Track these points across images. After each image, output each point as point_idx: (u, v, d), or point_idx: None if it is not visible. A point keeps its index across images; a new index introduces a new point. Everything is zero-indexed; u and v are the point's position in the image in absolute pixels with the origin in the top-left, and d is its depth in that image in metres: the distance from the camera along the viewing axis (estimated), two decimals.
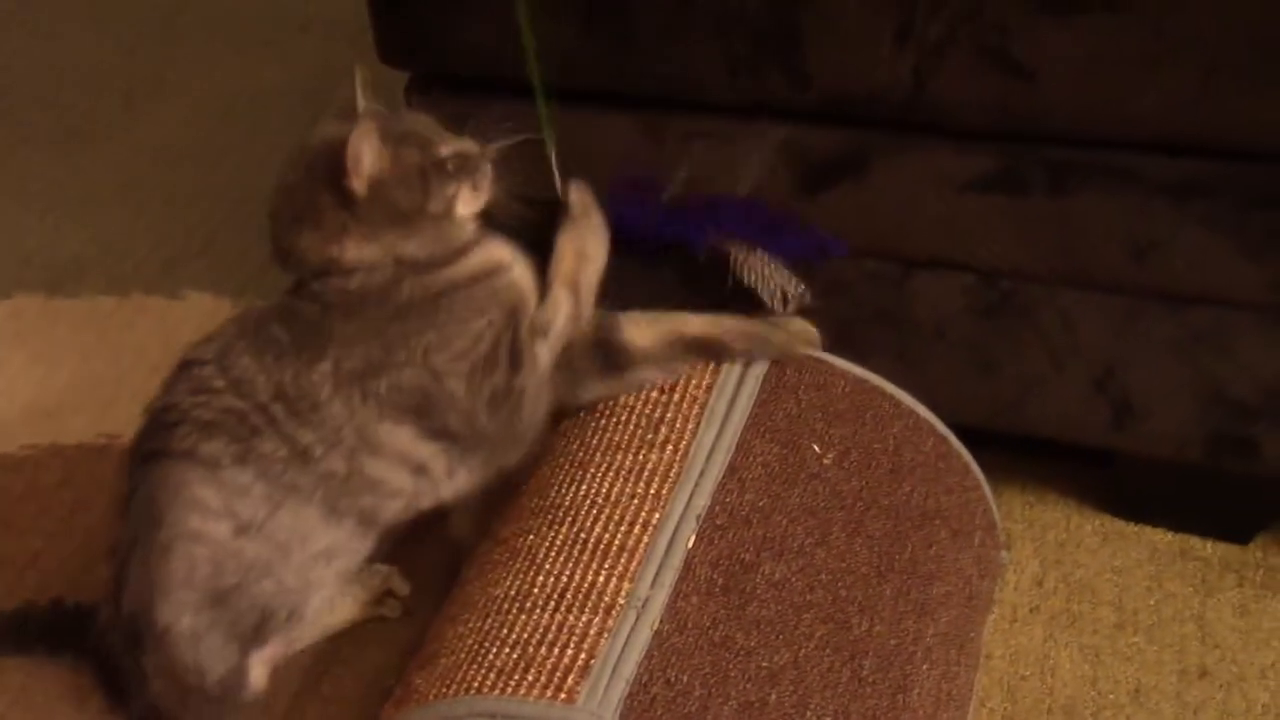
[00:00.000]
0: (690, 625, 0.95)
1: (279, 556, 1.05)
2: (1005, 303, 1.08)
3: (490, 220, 1.09)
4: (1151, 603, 1.18)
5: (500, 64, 1.07)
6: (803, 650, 0.96)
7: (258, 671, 1.09)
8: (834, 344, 1.14)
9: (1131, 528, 1.24)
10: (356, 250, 1.04)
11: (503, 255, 1.09)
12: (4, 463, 1.41)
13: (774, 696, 0.93)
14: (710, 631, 0.95)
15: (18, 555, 1.31)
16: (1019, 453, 1.27)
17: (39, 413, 1.47)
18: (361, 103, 1.08)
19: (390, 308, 1.03)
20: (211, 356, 1.05)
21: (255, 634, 1.07)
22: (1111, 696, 1.11)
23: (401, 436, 1.05)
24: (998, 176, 1.01)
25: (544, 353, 1.07)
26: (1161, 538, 1.23)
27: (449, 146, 1.06)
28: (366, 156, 1.01)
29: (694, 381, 1.12)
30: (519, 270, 1.09)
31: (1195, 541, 1.22)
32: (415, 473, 1.07)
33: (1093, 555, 1.22)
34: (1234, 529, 1.21)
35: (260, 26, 2.13)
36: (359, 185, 1.01)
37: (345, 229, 1.03)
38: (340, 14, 1.25)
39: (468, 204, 1.07)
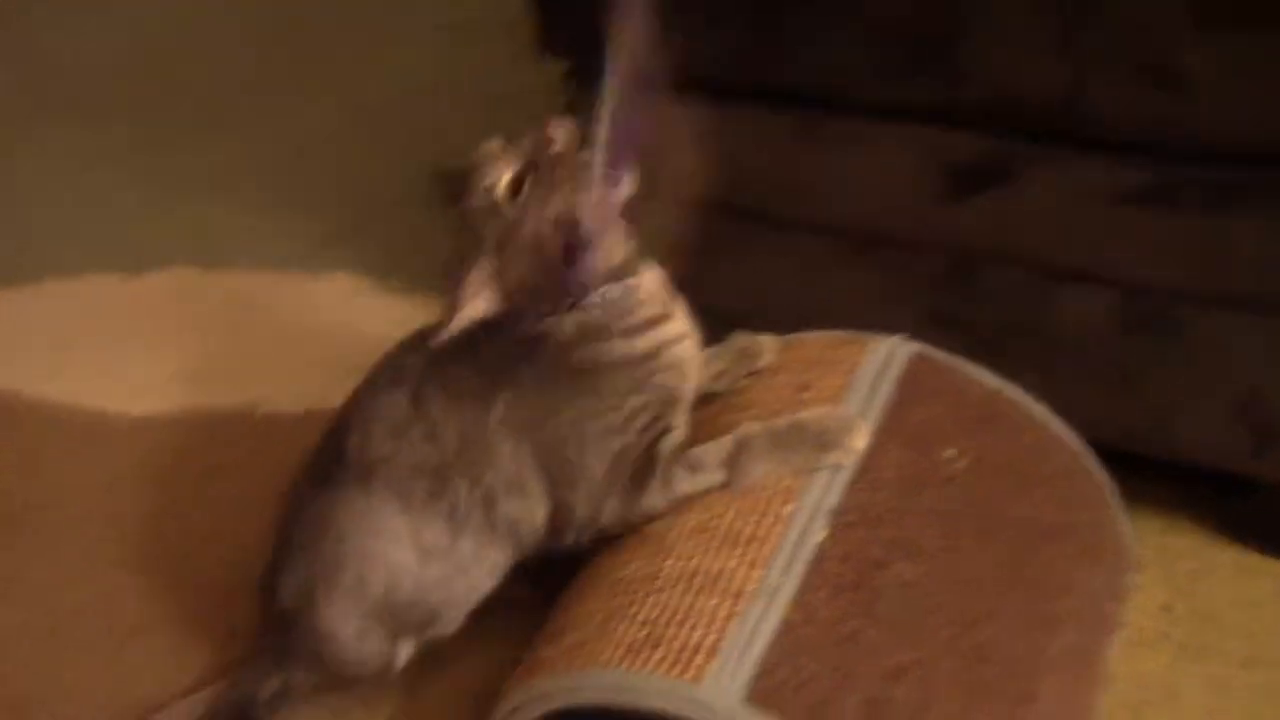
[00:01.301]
0: (819, 617, 0.96)
1: (458, 575, 1.09)
2: (1151, 320, 1.07)
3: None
4: None
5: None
6: (929, 651, 0.96)
7: (406, 653, 1.14)
8: (973, 352, 1.14)
9: (1267, 562, 1.22)
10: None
11: (674, 330, 1.09)
12: (151, 422, 1.48)
13: (898, 694, 0.93)
14: (838, 625, 0.96)
15: (162, 510, 1.37)
16: (1155, 476, 1.25)
17: (187, 378, 1.54)
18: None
19: (562, 366, 1.05)
20: (407, 401, 1.07)
21: (416, 631, 1.12)
22: None
23: (543, 488, 1.08)
24: (1151, 191, 1.00)
25: (684, 484, 1.06)
26: None
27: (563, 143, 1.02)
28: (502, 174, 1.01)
29: (827, 381, 1.13)
30: (687, 346, 1.10)
31: None
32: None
33: (1224, 586, 1.20)
34: None
35: (402, 24, 2.19)
36: (504, 199, 1.01)
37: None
38: (473, 14, 1.30)
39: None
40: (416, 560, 1.07)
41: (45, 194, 1.86)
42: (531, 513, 1.08)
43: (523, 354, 1.05)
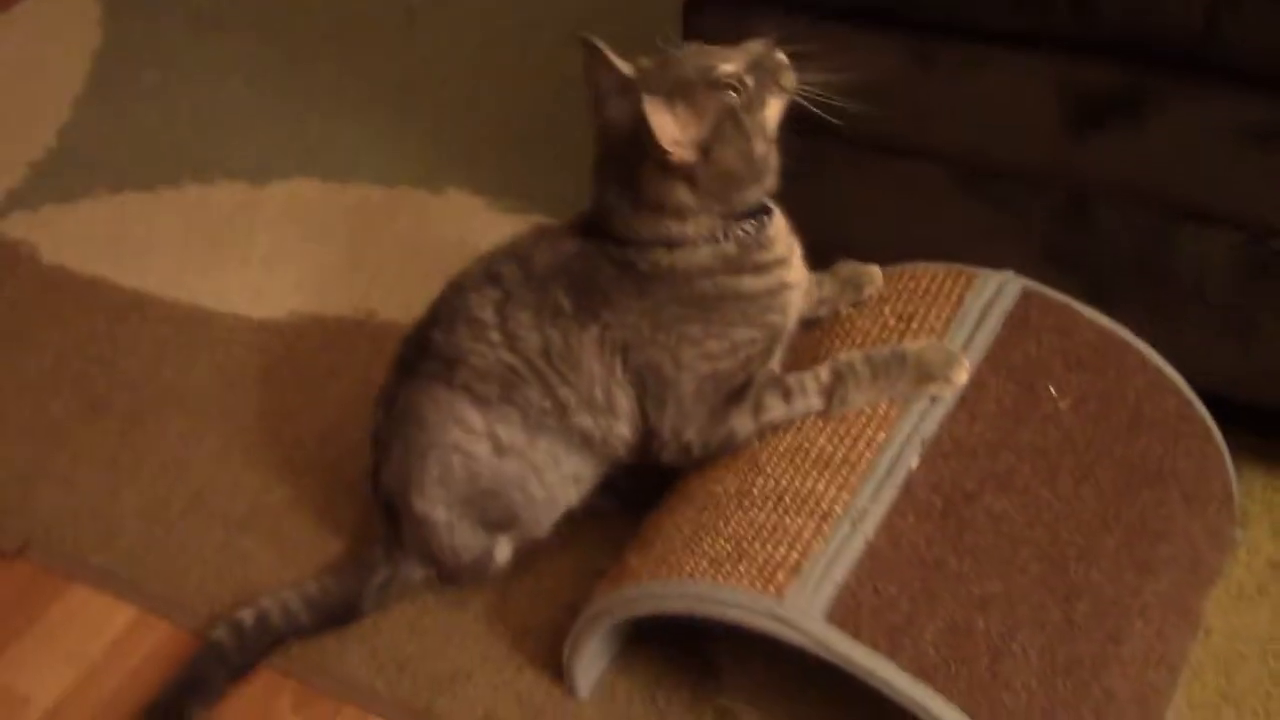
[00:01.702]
0: (904, 542, 0.96)
1: (532, 474, 1.12)
2: (1274, 263, 1.04)
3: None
4: None
5: None
6: (1016, 583, 0.95)
7: (504, 552, 1.17)
8: (1084, 292, 1.12)
9: None
10: (695, 226, 1.05)
11: (792, 276, 1.09)
12: (271, 326, 1.53)
13: (981, 623, 0.93)
14: (924, 551, 0.96)
15: (277, 409, 1.42)
16: (1269, 431, 1.21)
17: (306, 285, 1.58)
18: (624, 66, 1.05)
19: (683, 292, 1.05)
20: (492, 305, 1.09)
21: (501, 528, 1.15)
22: None
23: (633, 406, 1.10)
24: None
25: (775, 410, 1.07)
26: None
27: (733, 63, 1.02)
28: (673, 124, 0.99)
29: (933, 313, 1.12)
30: (799, 293, 1.10)
31: None
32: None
33: None
34: None
35: None
36: (687, 154, 1.00)
37: (689, 208, 1.03)
38: None
39: (777, 114, 1.04)
40: (492, 452, 1.10)
41: (181, 103, 1.92)
42: (611, 429, 1.10)
43: (633, 284, 1.06)
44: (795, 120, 1.04)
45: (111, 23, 2.12)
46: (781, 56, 1.02)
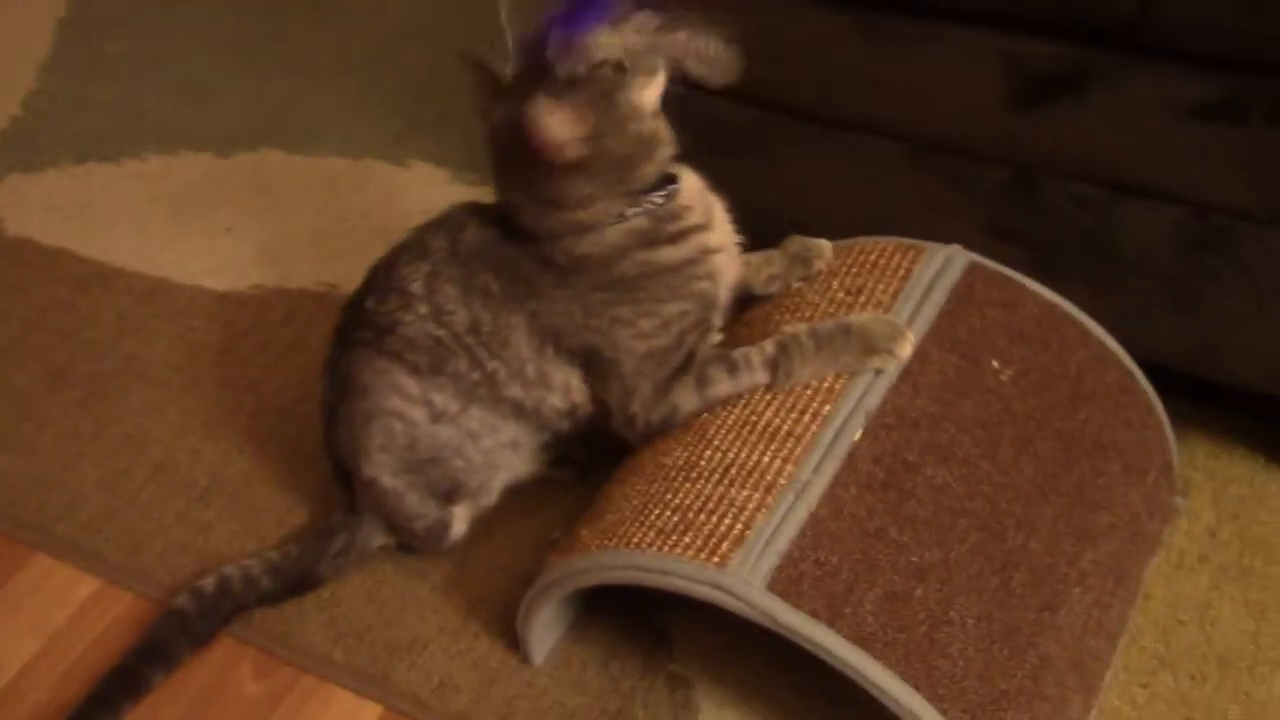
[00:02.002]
0: (846, 513, 0.98)
1: (469, 441, 1.14)
2: (1214, 238, 1.05)
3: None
4: None
5: None
6: (954, 553, 0.98)
7: (459, 523, 1.19)
8: (1031, 266, 1.13)
9: None
10: (600, 210, 1.06)
11: (714, 240, 1.10)
12: (234, 298, 1.53)
13: (919, 591, 0.95)
14: (865, 521, 0.98)
15: (239, 380, 1.43)
16: (1210, 401, 1.24)
17: (269, 257, 1.59)
18: (504, 68, 1.07)
19: (603, 277, 1.07)
20: (421, 278, 1.11)
21: (449, 497, 1.17)
22: (1272, 653, 1.09)
23: (573, 379, 1.12)
24: (1220, 105, 0.98)
25: (721, 384, 1.08)
26: None
27: (605, 49, 1.02)
28: (557, 125, 1.01)
29: (880, 287, 1.13)
30: (726, 257, 1.11)
31: None
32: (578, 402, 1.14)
33: (1273, 514, 1.19)
34: None
35: None
36: (576, 149, 1.02)
37: (588, 198, 1.05)
38: None
39: (658, 87, 1.05)
40: (429, 419, 1.12)
41: (147, 73, 1.91)
42: (543, 400, 1.12)
43: (553, 275, 1.08)
44: (742, 96, 1.05)
45: None
46: (651, 35, 1.02)
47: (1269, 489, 1.21)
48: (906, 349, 1.07)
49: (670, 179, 1.09)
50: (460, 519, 1.19)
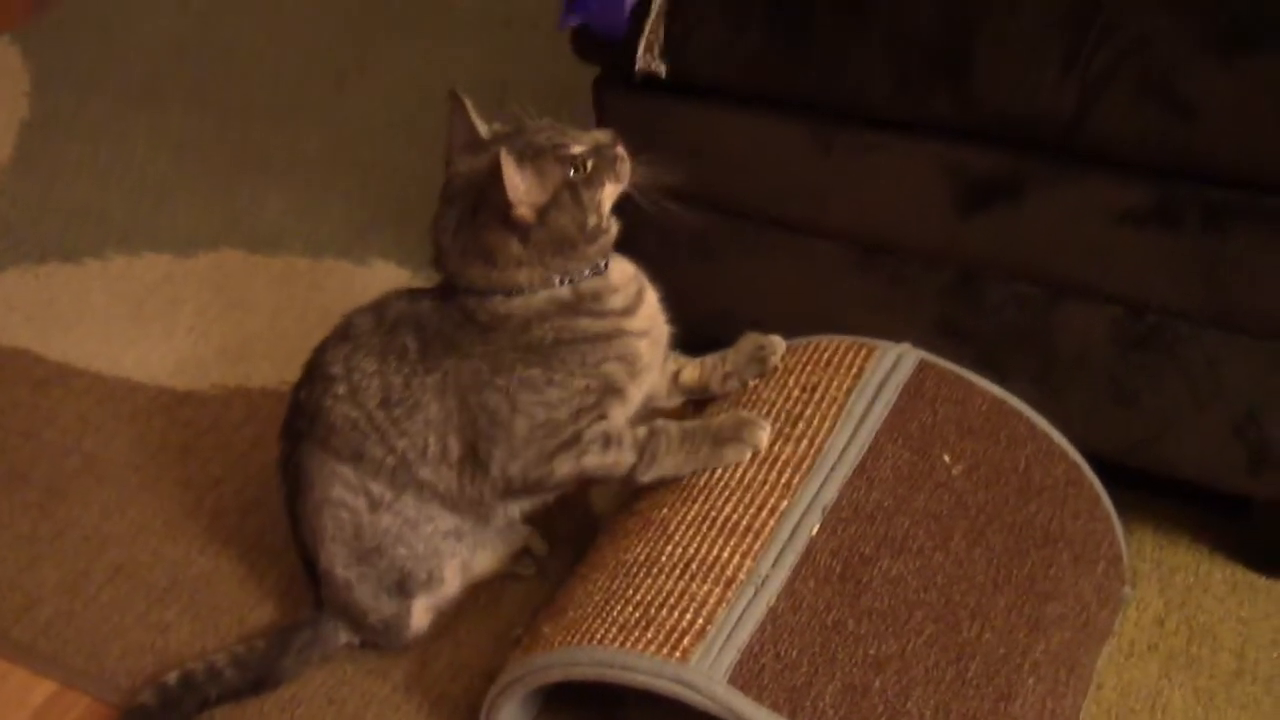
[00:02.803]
0: (805, 606, 1.00)
1: (408, 529, 1.15)
2: (1150, 337, 1.10)
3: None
4: (1275, 655, 1.17)
5: (689, 63, 1.13)
6: (911, 644, 1.00)
7: (419, 617, 1.20)
8: (977, 363, 1.17)
9: (1262, 580, 1.23)
10: (528, 276, 1.10)
11: (636, 325, 1.13)
12: (195, 398, 1.54)
13: (878, 683, 0.97)
14: (823, 614, 1.00)
15: (200, 480, 1.43)
16: (1155, 493, 1.27)
17: (230, 356, 1.60)
18: (481, 127, 1.13)
19: (521, 339, 1.10)
20: (341, 359, 1.14)
21: (401, 589, 1.17)
22: None
23: (465, 451, 1.13)
24: (1153, 211, 1.03)
25: (593, 456, 1.11)
26: None
27: (581, 144, 1.09)
28: (521, 183, 1.06)
29: (835, 383, 1.17)
30: (645, 345, 1.13)
31: None
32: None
33: (1219, 602, 1.22)
34: None
35: (467, 20, 2.25)
36: (527, 213, 1.07)
37: (520, 261, 1.09)
38: (543, 9, 1.33)
39: (611, 197, 1.11)
40: (368, 507, 1.13)
41: (109, 175, 1.94)
42: (446, 480, 1.13)
43: (477, 330, 1.10)
44: (699, 200, 1.09)
45: (40, 95, 2.14)
46: (621, 150, 1.10)
47: (1213, 577, 1.24)
48: (763, 439, 1.11)
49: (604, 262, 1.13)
50: (420, 612, 1.20)
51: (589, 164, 1.08)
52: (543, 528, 1.29)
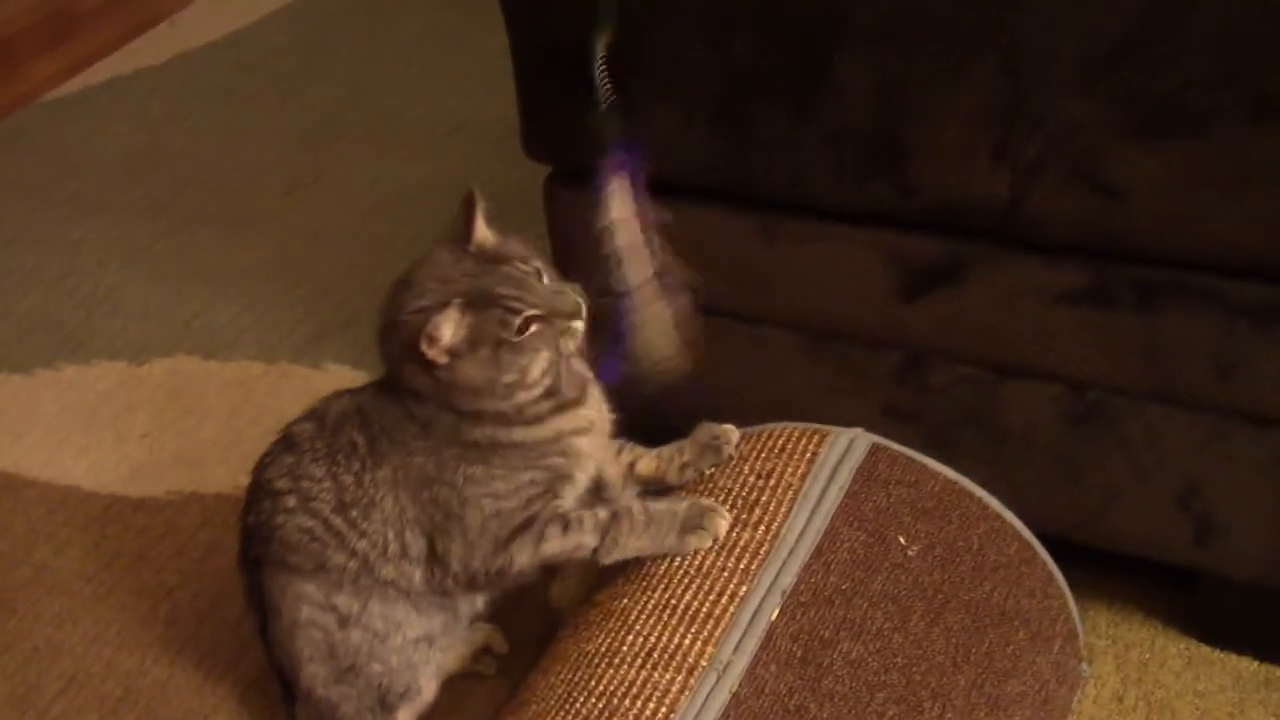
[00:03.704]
0: (767, 691, 1.00)
1: (379, 643, 1.14)
2: (1093, 413, 1.13)
3: None
4: None
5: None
6: None
7: None
8: (926, 444, 1.19)
9: (1217, 654, 1.25)
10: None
11: (577, 422, 1.13)
12: (149, 505, 1.53)
13: None
14: (785, 699, 1.00)
15: (154, 588, 1.42)
16: (1108, 569, 1.29)
17: (185, 462, 1.60)
18: (480, 229, 1.13)
19: (457, 440, 1.10)
20: (286, 471, 1.13)
21: (383, 705, 1.17)
22: None
23: (423, 546, 1.13)
24: (1088, 291, 1.06)
25: (553, 541, 1.11)
26: (1247, 666, 1.24)
27: (535, 307, 1.06)
28: (448, 331, 1.04)
29: (790, 469, 1.18)
30: (590, 438, 1.14)
31: None
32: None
33: (1175, 677, 1.23)
34: None
35: (415, 128, 2.30)
36: (438, 355, 1.05)
37: (429, 393, 1.08)
38: (492, 116, 1.36)
39: (545, 362, 1.08)
40: (337, 625, 1.13)
41: (61, 285, 1.94)
42: (412, 576, 1.12)
43: (417, 426, 1.10)
44: None
45: None
46: (577, 325, 1.08)
47: (1169, 652, 1.26)
48: (722, 527, 1.11)
49: None
50: None
51: (530, 328, 1.06)
52: (503, 626, 1.28)
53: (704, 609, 1.07)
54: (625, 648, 1.06)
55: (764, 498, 1.16)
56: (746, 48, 1.06)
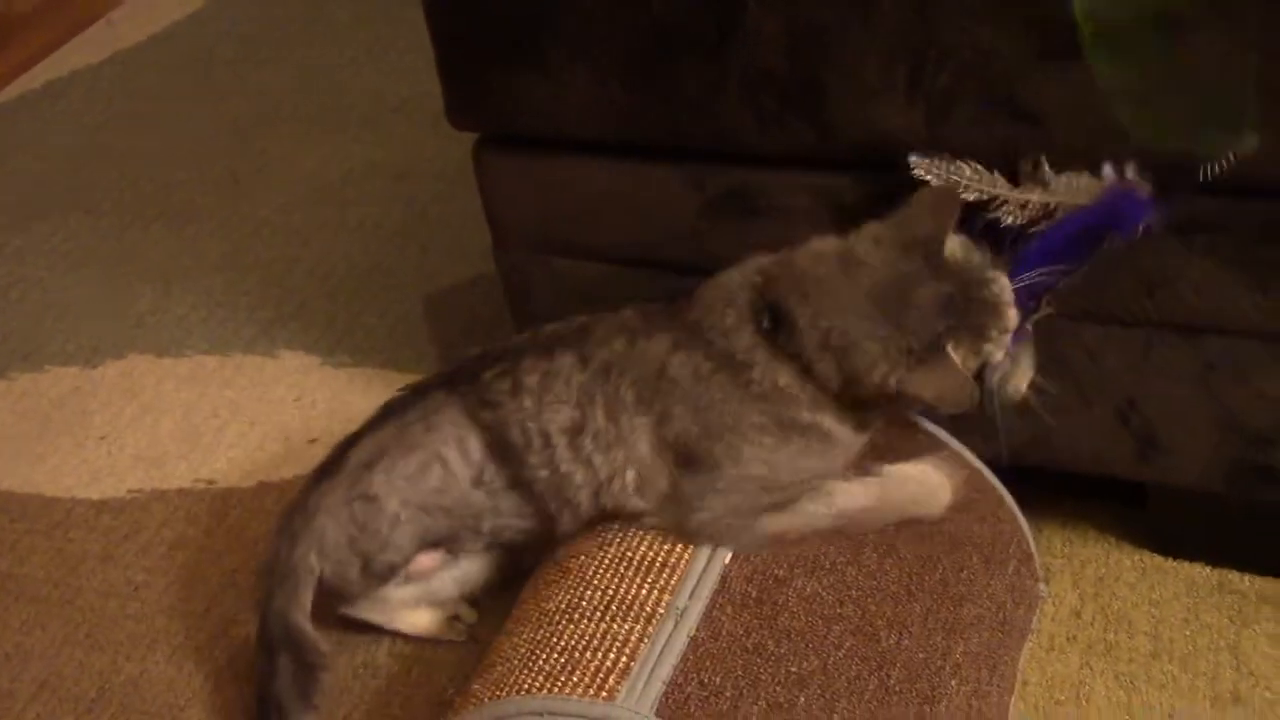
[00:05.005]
0: (724, 633, 1.02)
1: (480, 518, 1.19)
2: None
3: None
4: (1187, 633, 1.21)
5: (559, 121, 1.17)
6: (831, 658, 1.02)
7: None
8: None
9: (1170, 563, 1.27)
10: None
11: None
12: (111, 505, 1.53)
13: (802, 699, 0.99)
14: (743, 639, 1.02)
15: (121, 587, 1.42)
16: (1061, 492, 1.31)
17: (145, 460, 1.60)
18: (955, 251, 1.04)
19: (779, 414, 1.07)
20: (539, 375, 1.14)
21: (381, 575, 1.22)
22: None
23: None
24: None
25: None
26: (1200, 572, 1.26)
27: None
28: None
29: None
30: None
31: (1233, 576, 1.25)
32: None
33: (1131, 589, 1.26)
34: (1270, 562, 1.23)
35: (357, 109, 2.29)
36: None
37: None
38: (434, 92, 1.36)
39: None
40: (470, 482, 1.18)
41: (8, 294, 1.93)
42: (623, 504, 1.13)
43: (739, 389, 1.07)
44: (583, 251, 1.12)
45: None
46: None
47: (1123, 565, 1.28)
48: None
49: None
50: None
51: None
52: (470, 598, 1.30)
53: (659, 558, 1.08)
54: (584, 602, 1.07)
55: None
56: (658, 1, 1.07)
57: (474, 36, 1.16)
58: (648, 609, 1.04)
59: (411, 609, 1.28)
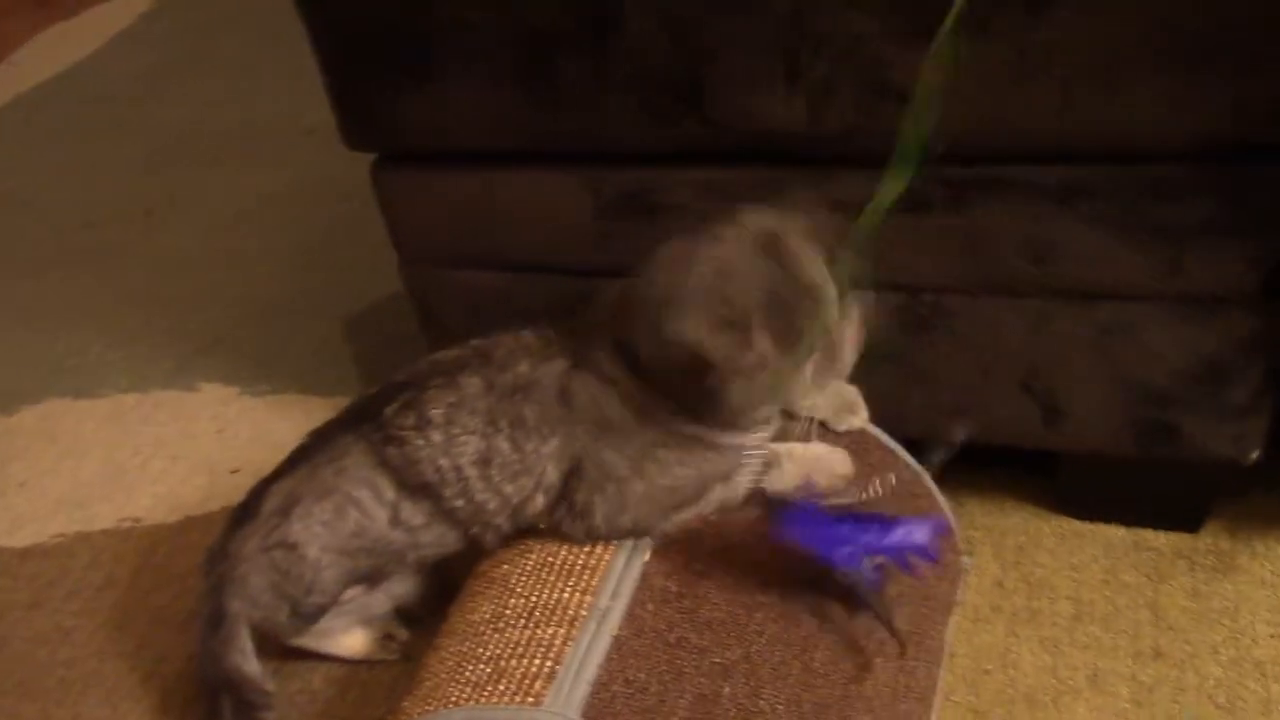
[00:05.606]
0: (647, 629, 1.02)
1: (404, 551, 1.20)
2: (932, 316, 1.16)
3: None
4: (1107, 594, 1.23)
5: (451, 135, 1.17)
6: (754, 646, 1.03)
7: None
8: None
9: (1087, 527, 1.30)
10: None
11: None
12: (36, 551, 1.52)
13: (727, 689, 0.99)
14: (666, 634, 1.02)
15: (50, 633, 1.41)
16: (977, 465, 1.33)
17: (68, 504, 1.58)
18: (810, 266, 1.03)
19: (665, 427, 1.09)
20: (444, 409, 1.13)
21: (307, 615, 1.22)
22: (1070, 682, 1.16)
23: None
24: (902, 198, 1.09)
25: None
26: (1116, 533, 1.29)
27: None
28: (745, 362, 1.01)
29: None
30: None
31: (1148, 534, 1.28)
32: None
33: (1051, 555, 1.28)
34: (1182, 518, 1.26)
35: (263, 137, 2.27)
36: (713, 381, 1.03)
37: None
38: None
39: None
40: (388, 523, 1.18)
41: None
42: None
43: (622, 406, 1.09)
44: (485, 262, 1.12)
45: None
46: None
47: (1042, 533, 1.30)
48: None
49: None
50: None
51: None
52: (403, 616, 1.30)
53: (580, 561, 1.09)
54: (509, 611, 1.07)
55: None
56: (536, 5, 1.07)
57: (360, 59, 1.16)
58: (570, 612, 1.04)
59: (344, 632, 1.28)
